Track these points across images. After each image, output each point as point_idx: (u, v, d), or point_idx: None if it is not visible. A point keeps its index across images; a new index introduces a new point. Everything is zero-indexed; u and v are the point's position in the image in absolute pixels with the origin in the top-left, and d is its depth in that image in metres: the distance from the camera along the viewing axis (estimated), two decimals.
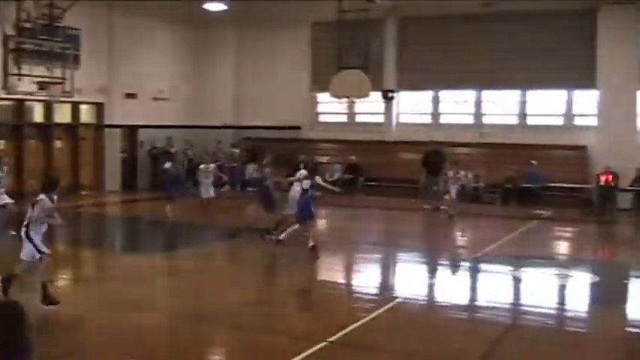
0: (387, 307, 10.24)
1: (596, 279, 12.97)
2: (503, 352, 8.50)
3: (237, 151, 27.91)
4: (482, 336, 8.98)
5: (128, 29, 26.96)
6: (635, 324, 9.95)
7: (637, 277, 13.71)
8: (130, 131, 27.74)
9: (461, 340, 8.95)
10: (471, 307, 11.02)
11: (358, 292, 11.99)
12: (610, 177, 23.31)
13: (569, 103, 26.89)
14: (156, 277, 12.66)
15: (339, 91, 26.38)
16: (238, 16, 29.62)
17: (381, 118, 29.62)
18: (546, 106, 27.39)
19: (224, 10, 28.16)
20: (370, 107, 29.55)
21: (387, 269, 14.18)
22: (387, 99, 28.93)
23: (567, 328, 9.94)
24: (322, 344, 8.13)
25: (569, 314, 10.70)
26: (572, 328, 9.89)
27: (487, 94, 28.25)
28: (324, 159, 28.45)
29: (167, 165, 20.76)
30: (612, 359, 8.45)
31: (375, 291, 12.13)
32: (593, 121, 25.73)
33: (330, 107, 30.51)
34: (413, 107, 29.74)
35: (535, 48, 26.29)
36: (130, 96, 27.16)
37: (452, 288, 12.12)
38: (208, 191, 19.33)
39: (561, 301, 11.66)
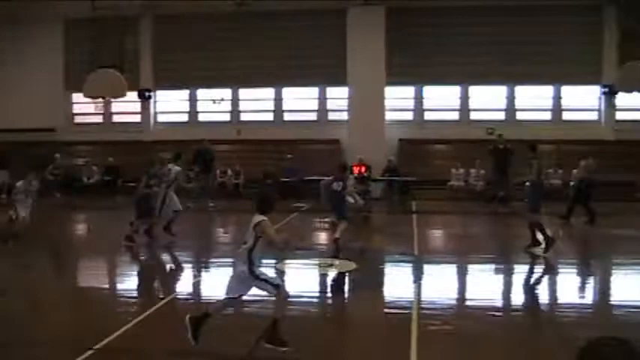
0: (154, 308, 10.10)
1: (355, 266, 13.59)
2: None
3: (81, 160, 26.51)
4: (249, 329, 9.11)
5: None
6: (392, 305, 10.54)
7: (391, 262, 14.55)
8: None
9: (231, 336, 9.05)
10: (238, 301, 11.14)
11: (124, 296, 11.68)
12: (363, 168, 24.57)
13: (323, 100, 28.01)
14: None
15: (93, 91, 25.63)
16: None
17: (138, 118, 29.21)
18: (301, 103, 28.39)
19: None
20: (127, 107, 29.05)
21: (152, 270, 13.99)
22: (144, 98, 28.59)
23: (330, 314, 10.34)
24: (88, 353, 7.86)
25: (330, 301, 11.14)
26: (335, 314, 10.31)
27: (244, 92, 28.75)
28: (81, 161, 27.61)
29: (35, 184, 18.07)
30: (372, 339, 8.89)
31: (141, 293, 11.91)
32: (345, 116, 26.95)
33: (85, 108, 29.59)
34: (170, 106, 29.62)
35: (289, 47, 27.14)
36: None
37: (215, 284, 12.16)
38: (26, 209, 17.10)
39: (323, 289, 12.10)
